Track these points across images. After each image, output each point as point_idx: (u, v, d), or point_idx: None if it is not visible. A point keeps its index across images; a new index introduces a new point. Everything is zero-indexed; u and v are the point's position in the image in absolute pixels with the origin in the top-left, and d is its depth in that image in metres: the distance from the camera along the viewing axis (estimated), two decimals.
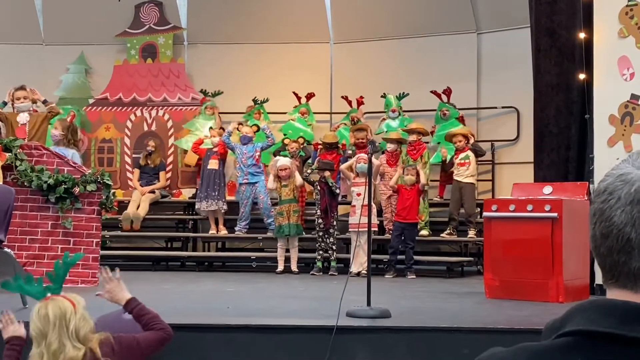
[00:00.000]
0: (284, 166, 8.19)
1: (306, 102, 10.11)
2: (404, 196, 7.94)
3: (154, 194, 9.72)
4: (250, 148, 9.01)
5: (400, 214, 7.96)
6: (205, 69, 10.89)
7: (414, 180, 7.92)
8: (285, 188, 8.20)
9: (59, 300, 2.28)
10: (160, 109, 10.61)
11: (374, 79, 10.44)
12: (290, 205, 8.22)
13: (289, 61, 10.74)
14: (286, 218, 8.17)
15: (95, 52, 10.90)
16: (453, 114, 9.56)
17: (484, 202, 6.64)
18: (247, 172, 8.98)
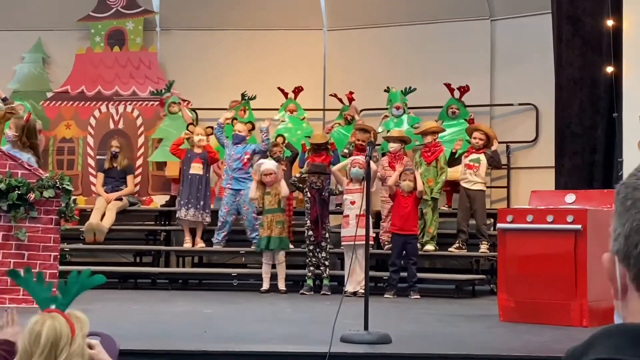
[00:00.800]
0: (268, 170, 8.17)
1: (294, 97, 10.12)
2: (400, 203, 7.96)
3: (121, 202, 9.70)
4: (239, 149, 9.00)
5: (396, 223, 7.97)
6: (180, 59, 10.88)
7: (411, 186, 7.93)
8: (268, 196, 8.20)
9: (58, 320, 2.21)
10: (128, 104, 10.60)
11: (372, 72, 10.46)
12: (273, 216, 8.20)
13: (277, 51, 10.76)
14: (267, 229, 8.16)
15: (55, 38, 10.88)
16: (463, 113, 9.59)
17: (498, 211, 6.66)
18: (232, 176, 8.97)
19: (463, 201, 8.66)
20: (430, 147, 8.72)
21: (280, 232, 8.17)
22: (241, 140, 9.04)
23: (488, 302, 7.30)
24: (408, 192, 7.92)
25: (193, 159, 9.27)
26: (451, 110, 9.59)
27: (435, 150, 8.70)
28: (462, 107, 9.61)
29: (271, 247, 8.13)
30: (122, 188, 9.82)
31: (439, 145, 8.76)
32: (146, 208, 10.15)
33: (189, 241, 9.22)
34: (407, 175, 7.96)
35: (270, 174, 8.14)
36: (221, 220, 8.98)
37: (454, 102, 9.61)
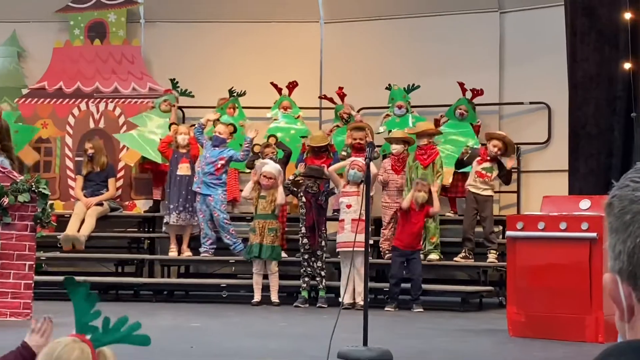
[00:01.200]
0: (269, 174, 8.14)
1: (288, 94, 10.11)
2: (411, 219, 7.92)
3: (101, 207, 9.69)
4: (216, 153, 8.96)
5: (403, 239, 7.94)
6: (166, 53, 10.87)
7: (426, 198, 7.90)
8: (263, 200, 8.18)
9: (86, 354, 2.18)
10: (110, 101, 10.58)
11: (373, 67, 10.45)
12: (265, 222, 8.18)
13: (270, 45, 10.74)
14: (259, 236, 8.14)
15: (31, 31, 10.86)
16: (471, 117, 9.57)
17: (507, 218, 6.66)
18: (201, 180, 8.97)
19: (470, 207, 8.65)
20: (425, 150, 8.70)
21: (272, 240, 8.15)
22: (220, 143, 8.99)
23: (497, 316, 7.30)
24: (421, 205, 7.89)
25: (180, 159, 9.27)
26: (459, 111, 9.56)
27: (432, 153, 8.68)
28: (472, 110, 9.59)
29: (263, 256, 8.11)
30: (103, 192, 9.80)
31: (434, 148, 8.76)
32: (129, 214, 10.13)
33: (174, 249, 9.20)
34: (422, 186, 7.93)
35: (270, 178, 8.12)
36: (201, 228, 8.98)
37: (464, 102, 9.58)
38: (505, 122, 10.08)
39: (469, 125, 9.54)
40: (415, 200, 7.87)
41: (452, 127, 9.52)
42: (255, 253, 8.10)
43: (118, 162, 10.32)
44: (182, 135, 9.28)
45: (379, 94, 9.94)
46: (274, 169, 8.21)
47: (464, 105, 9.55)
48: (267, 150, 9.09)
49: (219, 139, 8.99)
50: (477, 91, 9.59)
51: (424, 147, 8.70)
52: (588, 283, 5.60)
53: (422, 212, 7.88)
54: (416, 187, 7.92)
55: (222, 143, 8.99)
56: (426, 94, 9.79)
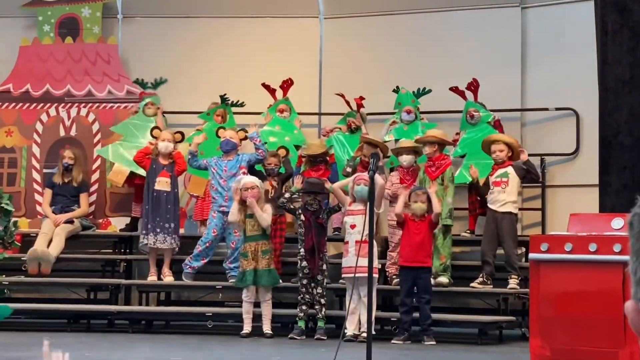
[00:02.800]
0: (250, 184, 8.11)
1: (284, 96, 10.10)
2: (411, 230, 7.91)
3: (72, 225, 9.67)
4: (233, 163, 8.94)
5: (406, 254, 7.92)
6: (146, 53, 10.89)
7: (424, 209, 7.90)
8: (251, 220, 8.16)
9: None
10: (83, 106, 10.59)
11: (377, 68, 10.47)
12: (257, 244, 8.15)
13: (264, 43, 10.77)
14: (252, 261, 8.11)
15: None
16: (484, 117, 9.56)
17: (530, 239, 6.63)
18: (227, 196, 8.82)
19: (489, 226, 8.63)
20: (434, 161, 8.69)
21: (267, 264, 8.12)
22: (232, 149, 8.98)
23: (518, 350, 7.27)
24: (420, 215, 7.88)
25: (159, 171, 9.20)
26: (469, 115, 9.55)
27: (441, 165, 8.67)
28: (481, 108, 9.58)
29: (259, 283, 8.08)
30: (74, 208, 9.80)
31: (445, 158, 8.74)
32: (103, 233, 10.11)
33: (154, 273, 9.18)
34: (418, 195, 7.92)
35: (252, 188, 8.08)
36: (207, 245, 8.91)
37: (471, 104, 9.58)
38: (528, 130, 10.08)
39: (487, 126, 9.50)
40: (414, 213, 7.87)
41: (471, 135, 9.48)
42: (249, 281, 8.06)
43: (91, 174, 10.31)
44: (165, 142, 9.23)
45: (384, 98, 9.94)
46: (254, 179, 8.24)
47: (471, 107, 9.54)
48: (271, 160, 9.08)
49: (231, 143, 8.96)
50: (471, 85, 9.56)
51: (432, 158, 8.70)
52: (621, 312, 5.58)
53: (423, 221, 7.87)
54: (413, 196, 7.91)
55: (233, 149, 8.98)
56: (437, 98, 9.78)
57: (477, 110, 9.52)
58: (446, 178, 8.63)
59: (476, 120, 9.51)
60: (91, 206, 10.13)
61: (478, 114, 9.51)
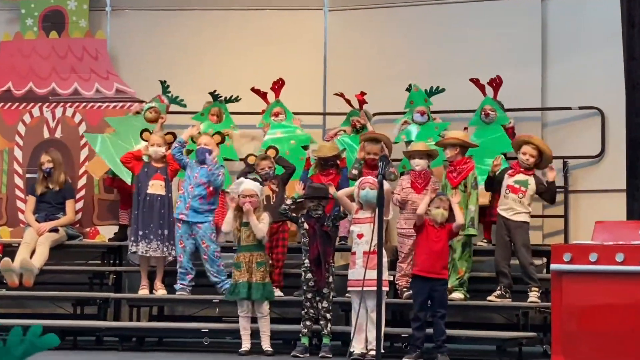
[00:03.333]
0: (249, 191, 8.09)
1: (276, 98, 10.05)
2: (430, 237, 7.87)
3: (56, 234, 9.67)
4: (205, 172, 8.93)
5: (422, 263, 7.86)
6: (137, 48, 10.88)
7: (446, 216, 7.86)
8: (246, 228, 8.15)
9: None
10: (69, 106, 10.59)
11: (386, 64, 10.45)
12: (252, 255, 8.12)
13: (264, 36, 10.76)
14: (245, 273, 8.08)
15: None
16: (501, 118, 9.51)
17: (552, 248, 6.61)
18: (189, 204, 8.91)
19: (501, 234, 8.60)
20: (455, 166, 8.66)
21: (262, 277, 8.11)
22: (208, 156, 8.96)
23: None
24: (440, 223, 7.84)
25: (152, 174, 9.18)
26: (484, 113, 9.50)
27: (463, 170, 8.63)
28: (499, 109, 9.54)
29: (254, 297, 8.06)
30: (60, 216, 9.79)
31: (468, 162, 8.70)
32: (90, 242, 10.10)
33: (145, 286, 9.17)
34: (441, 201, 7.87)
35: (251, 196, 8.07)
36: (180, 260, 8.91)
37: (489, 101, 9.53)
38: (549, 130, 10.05)
39: (500, 128, 9.46)
40: (433, 219, 7.83)
41: (479, 135, 9.45)
42: (243, 294, 8.04)
43: (78, 179, 10.30)
44: (155, 147, 9.22)
45: (393, 96, 9.92)
46: (254, 185, 8.19)
47: (488, 105, 9.49)
48: (262, 164, 9.03)
49: (204, 150, 8.92)
50: (494, 81, 9.50)
51: (453, 162, 8.66)
52: None
53: (442, 229, 7.83)
54: (434, 203, 7.86)
55: (209, 155, 8.93)
56: (451, 97, 9.75)
57: (494, 109, 9.47)
58: (469, 183, 8.58)
59: (491, 119, 9.45)
60: (78, 213, 10.12)
61: (494, 113, 9.45)
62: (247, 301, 8.10)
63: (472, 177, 8.63)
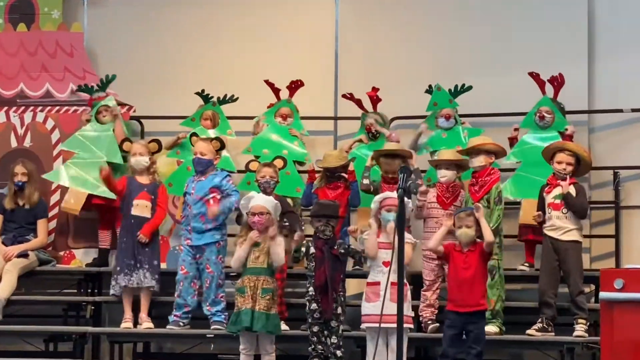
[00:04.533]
0: (260, 208, 8.06)
1: (289, 97, 10.10)
2: (457, 264, 7.85)
3: (26, 259, 9.68)
4: (202, 185, 8.90)
5: (454, 297, 7.86)
6: (117, 43, 10.92)
7: (471, 235, 7.86)
8: (256, 249, 8.14)
9: None
10: (39, 110, 10.61)
11: (408, 61, 10.48)
12: (258, 280, 8.12)
13: (266, 30, 10.78)
14: (249, 299, 8.08)
15: None
16: (559, 122, 9.48)
17: (601, 274, 6.61)
18: (191, 226, 8.92)
19: (548, 258, 8.59)
20: (477, 177, 8.66)
21: (267, 306, 8.07)
22: (206, 167, 8.96)
23: None
24: (468, 244, 7.83)
25: (136, 192, 9.20)
26: (539, 115, 9.48)
27: (486, 182, 8.63)
28: (558, 112, 9.52)
29: (255, 328, 8.06)
30: (30, 238, 9.80)
31: (492, 173, 8.69)
32: (65, 269, 10.12)
33: (129, 319, 9.18)
34: (462, 219, 7.85)
35: (261, 214, 8.07)
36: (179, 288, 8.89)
37: (546, 102, 9.49)
38: (597, 136, 10.07)
39: (557, 135, 9.43)
40: (458, 240, 7.82)
41: (534, 140, 9.41)
42: (245, 323, 8.02)
43: (50, 195, 10.32)
44: (138, 157, 9.24)
45: (413, 98, 9.93)
46: (266, 201, 8.15)
47: (546, 106, 9.48)
48: (264, 171, 9.03)
49: (203, 161, 8.92)
50: (556, 79, 9.50)
51: (476, 172, 8.67)
52: None
53: (473, 251, 7.81)
54: (457, 220, 7.84)
55: (207, 167, 8.92)
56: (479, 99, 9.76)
57: (551, 111, 9.43)
58: (492, 198, 8.59)
59: (546, 123, 9.43)
60: (50, 235, 10.13)
61: (551, 116, 9.43)
62: (250, 335, 8.07)
63: (496, 190, 8.63)
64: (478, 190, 8.64)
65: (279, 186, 9.11)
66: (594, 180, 9.91)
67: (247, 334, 8.08)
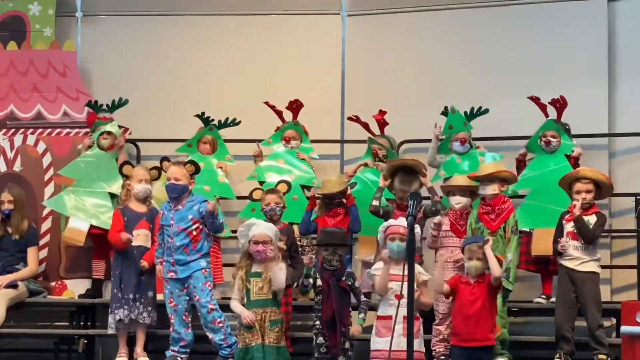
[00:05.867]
0: (263, 237, 8.05)
1: (294, 119, 10.10)
2: (463, 297, 7.84)
3: (15, 290, 9.68)
4: (181, 214, 8.80)
5: (460, 331, 7.85)
6: (112, 61, 10.95)
7: (481, 268, 7.86)
8: (258, 279, 8.14)
9: None
10: (30, 133, 10.62)
11: (417, 80, 10.50)
12: (265, 312, 8.11)
13: (270, 46, 10.82)
14: (258, 334, 8.07)
15: None
16: (564, 146, 9.50)
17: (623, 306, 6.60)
18: (174, 259, 8.88)
19: (565, 289, 8.58)
20: (493, 206, 8.64)
21: (277, 339, 8.07)
22: (180, 194, 8.86)
23: None
24: (477, 276, 7.83)
25: (135, 222, 9.16)
26: (545, 140, 9.49)
27: (503, 210, 8.62)
28: (563, 134, 9.52)
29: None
30: (19, 267, 9.80)
31: (506, 201, 8.68)
32: (56, 300, 10.11)
33: (124, 354, 9.16)
34: (475, 251, 7.85)
35: (264, 242, 8.06)
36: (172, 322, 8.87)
37: (551, 126, 9.50)
38: (618, 161, 10.07)
39: (564, 158, 9.44)
40: (467, 272, 7.82)
41: (537, 166, 9.45)
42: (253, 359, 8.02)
43: (41, 222, 10.33)
44: (144, 184, 9.13)
45: (423, 120, 9.92)
46: (268, 228, 8.15)
47: (551, 130, 9.48)
48: (268, 198, 9.01)
49: (177, 187, 8.82)
50: (558, 101, 9.50)
51: (490, 201, 8.66)
52: None
53: (480, 284, 7.80)
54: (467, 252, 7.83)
55: (183, 193, 8.84)
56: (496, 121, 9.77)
57: (557, 134, 9.42)
58: (509, 227, 8.57)
59: (552, 148, 9.43)
60: (41, 264, 10.12)
61: (557, 140, 9.41)
62: None
63: (513, 219, 8.60)
64: (495, 219, 8.60)
65: (286, 213, 9.08)
66: (614, 208, 9.91)
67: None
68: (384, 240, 7.86)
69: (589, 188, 8.54)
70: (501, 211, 8.62)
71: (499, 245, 8.36)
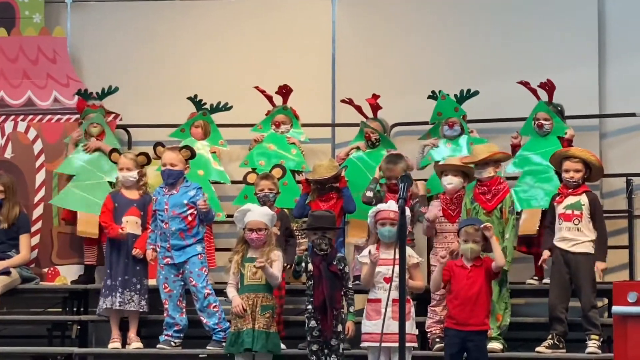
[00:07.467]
0: (258, 224, 8.05)
1: (284, 104, 10.10)
2: (460, 281, 7.82)
3: (8, 277, 9.68)
4: (176, 198, 8.83)
5: (455, 315, 7.87)
6: (103, 48, 10.95)
7: (477, 250, 7.86)
8: (251, 264, 8.13)
9: None
10: (21, 119, 10.62)
11: (409, 65, 10.50)
12: (257, 297, 8.13)
13: (260, 31, 10.81)
14: (249, 319, 8.09)
15: None
16: (558, 127, 9.51)
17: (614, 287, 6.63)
18: (170, 244, 8.89)
19: (559, 271, 8.59)
20: (489, 186, 8.65)
21: (267, 325, 8.08)
22: (176, 179, 8.89)
23: None
24: (473, 259, 7.81)
25: (125, 208, 9.18)
26: (537, 123, 9.51)
27: (499, 191, 8.63)
28: (555, 116, 9.53)
29: (255, 348, 8.06)
30: (11, 255, 9.80)
31: (502, 182, 8.70)
32: (49, 286, 10.13)
33: (117, 339, 9.17)
34: (472, 234, 7.81)
35: (259, 230, 8.07)
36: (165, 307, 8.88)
37: (542, 108, 9.51)
38: (609, 142, 10.09)
39: (556, 141, 9.46)
40: (464, 257, 7.80)
41: (531, 148, 9.48)
42: (247, 345, 8.02)
43: (33, 209, 10.33)
44: (125, 172, 9.18)
45: (416, 103, 9.95)
46: (263, 215, 8.14)
47: (542, 112, 9.51)
48: (262, 184, 9.00)
49: (173, 173, 8.88)
50: (546, 85, 9.51)
51: (486, 182, 8.66)
52: None
53: (478, 268, 7.78)
54: (462, 234, 7.80)
55: (178, 178, 8.87)
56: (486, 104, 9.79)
57: (549, 117, 9.43)
58: (506, 207, 8.57)
59: (545, 131, 9.44)
60: (33, 251, 10.13)
61: (549, 123, 9.42)
62: (248, 355, 8.06)
63: (510, 199, 8.60)
64: (491, 199, 8.59)
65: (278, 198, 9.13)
66: (605, 188, 9.94)
67: (245, 354, 8.08)
68: (374, 225, 7.88)
69: (577, 167, 8.55)
70: (497, 192, 8.62)
71: (495, 225, 8.34)
